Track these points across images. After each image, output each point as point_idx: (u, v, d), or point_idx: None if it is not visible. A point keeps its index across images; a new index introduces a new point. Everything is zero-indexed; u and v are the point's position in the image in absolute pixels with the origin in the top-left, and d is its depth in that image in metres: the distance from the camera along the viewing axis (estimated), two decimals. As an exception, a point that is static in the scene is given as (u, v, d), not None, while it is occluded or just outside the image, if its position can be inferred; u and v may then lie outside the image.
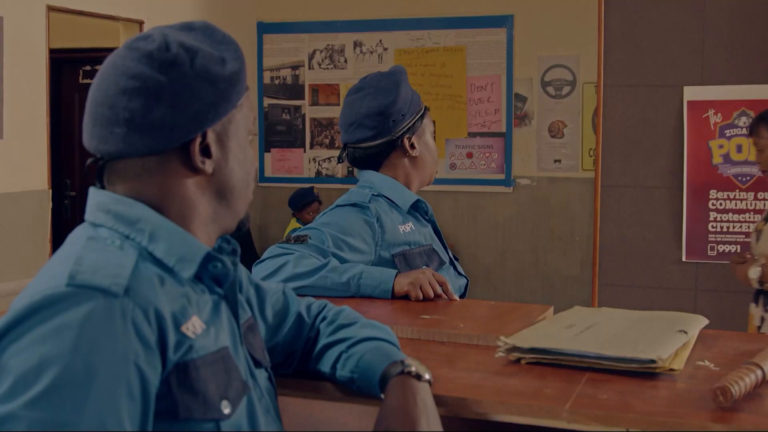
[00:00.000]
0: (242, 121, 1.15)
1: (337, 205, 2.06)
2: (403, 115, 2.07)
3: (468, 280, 2.17)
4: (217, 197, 1.14)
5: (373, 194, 2.06)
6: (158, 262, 1.06)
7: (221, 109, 1.11)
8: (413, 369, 1.20)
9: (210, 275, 1.12)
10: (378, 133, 2.08)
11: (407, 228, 2.07)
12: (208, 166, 1.11)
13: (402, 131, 2.08)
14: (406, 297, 1.86)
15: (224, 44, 1.14)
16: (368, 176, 2.12)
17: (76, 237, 1.08)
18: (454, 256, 2.20)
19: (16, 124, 4.25)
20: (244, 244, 6.00)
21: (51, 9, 4.53)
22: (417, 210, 2.14)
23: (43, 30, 4.47)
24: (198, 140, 1.09)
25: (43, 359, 0.90)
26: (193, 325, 1.04)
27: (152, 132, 1.06)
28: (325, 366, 1.32)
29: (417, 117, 2.10)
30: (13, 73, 4.23)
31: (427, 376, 1.20)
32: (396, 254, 2.01)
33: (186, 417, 1.00)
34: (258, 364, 1.20)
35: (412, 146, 2.10)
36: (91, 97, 1.10)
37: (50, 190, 4.56)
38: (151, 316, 0.98)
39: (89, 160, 1.12)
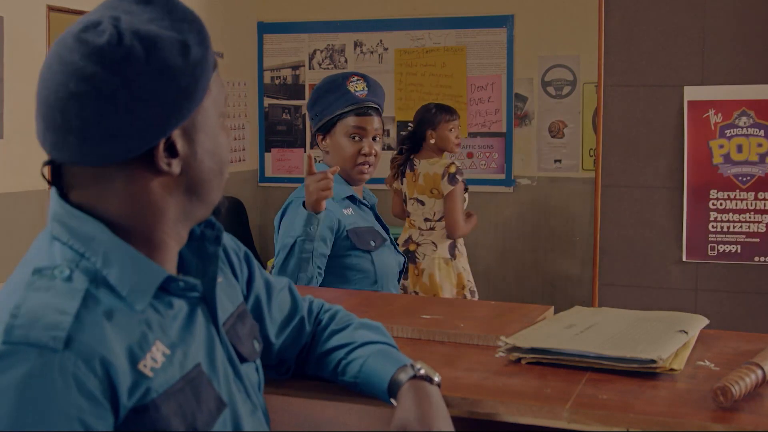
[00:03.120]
0: (212, 106, 1.04)
1: (289, 203, 2.30)
2: (316, 114, 2.38)
3: (406, 259, 2.53)
4: (186, 194, 1.04)
5: None
6: (113, 288, 0.97)
7: (185, 110, 0.99)
8: (423, 372, 1.20)
9: (175, 290, 1.03)
10: (313, 125, 2.42)
11: (349, 212, 2.35)
12: (175, 166, 1.00)
13: (315, 129, 2.41)
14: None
15: (186, 23, 1.00)
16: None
17: (26, 263, 1.01)
18: (392, 238, 2.51)
19: (16, 124, 4.25)
20: (244, 244, 6.03)
21: (51, 9, 4.53)
22: (353, 201, 2.41)
23: (43, 30, 4.47)
24: (162, 143, 0.98)
25: None
26: (153, 358, 0.96)
27: (109, 142, 0.95)
28: (325, 372, 1.31)
29: (329, 118, 2.35)
30: (13, 73, 4.23)
31: (436, 379, 1.21)
32: (348, 230, 2.29)
33: None
34: (243, 359, 1.14)
35: (324, 142, 2.41)
36: (40, 95, 0.98)
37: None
38: (96, 365, 0.90)
39: (44, 163, 1.02)
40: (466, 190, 4.19)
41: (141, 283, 0.99)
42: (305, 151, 6.40)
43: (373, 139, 2.36)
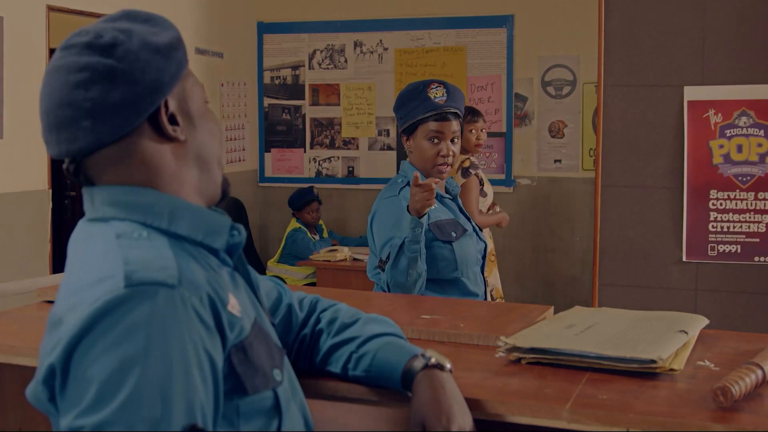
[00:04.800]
0: (194, 88, 1.17)
1: (382, 198, 2.54)
2: (400, 117, 2.59)
3: (486, 245, 2.65)
4: (197, 165, 1.16)
5: (401, 187, 2.55)
6: (184, 241, 1.08)
7: (175, 73, 1.12)
8: (435, 360, 1.23)
9: (227, 245, 1.14)
10: (399, 127, 2.63)
11: (434, 205, 2.46)
12: (180, 132, 1.13)
13: (401, 131, 2.62)
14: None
15: (151, 20, 1.15)
16: (403, 165, 2.64)
17: (99, 236, 1.07)
18: (475, 226, 2.68)
19: (16, 124, 4.25)
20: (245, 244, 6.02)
21: (51, 9, 4.53)
22: (435, 196, 2.53)
23: (43, 30, 4.47)
24: (162, 110, 1.11)
25: (122, 362, 0.91)
26: (233, 305, 1.07)
27: (117, 113, 1.07)
28: (335, 367, 1.33)
29: (411, 122, 2.55)
30: (13, 73, 4.23)
31: (448, 366, 1.24)
32: (431, 224, 2.47)
33: (254, 391, 1.05)
34: (272, 324, 1.24)
35: (408, 142, 2.64)
36: (44, 107, 1.10)
37: (50, 190, 4.56)
38: (204, 300, 1.01)
39: (65, 165, 1.12)
40: (481, 184, 4.32)
41: (214, 226, 1.12)
42: (305, 151, 6.41)
43: (451, 141, 2.57)
